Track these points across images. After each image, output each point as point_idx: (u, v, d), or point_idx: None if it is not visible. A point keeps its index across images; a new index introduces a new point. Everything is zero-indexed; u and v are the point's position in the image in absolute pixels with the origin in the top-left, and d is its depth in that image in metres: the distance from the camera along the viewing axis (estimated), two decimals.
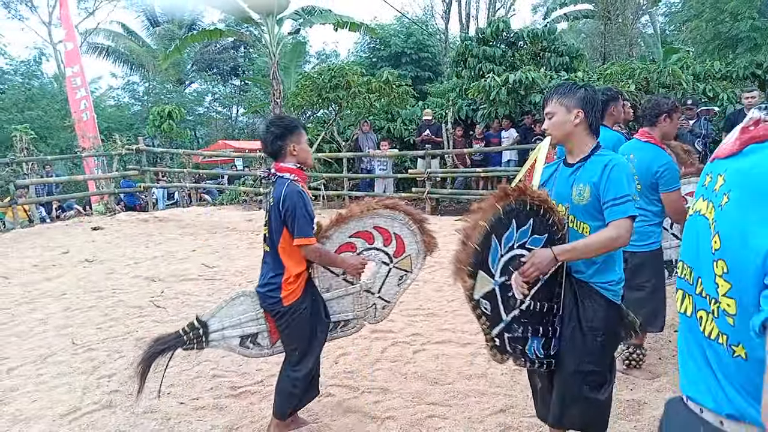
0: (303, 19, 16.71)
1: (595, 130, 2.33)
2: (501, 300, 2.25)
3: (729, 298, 0.88)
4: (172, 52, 16.86)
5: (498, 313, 2.26)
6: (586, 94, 2.30)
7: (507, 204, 2.18)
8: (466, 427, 3.01)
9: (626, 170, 2.21)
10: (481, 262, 2.17)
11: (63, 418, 3.24)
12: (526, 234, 2.24)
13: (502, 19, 13.14)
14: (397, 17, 23.29)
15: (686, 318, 1.06)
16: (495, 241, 2.18)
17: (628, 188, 2.19)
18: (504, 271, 2.23)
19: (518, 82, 10.29)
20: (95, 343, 4.39)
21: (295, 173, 2.80)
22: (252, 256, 7.34)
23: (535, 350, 2.36)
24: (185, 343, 2.81)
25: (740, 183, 0.88)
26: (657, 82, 9.27)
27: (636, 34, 17.80)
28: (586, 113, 2.29)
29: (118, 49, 26.84)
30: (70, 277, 6.51)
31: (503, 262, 2.22)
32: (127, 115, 25.78)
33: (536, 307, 2.32)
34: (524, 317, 2.31)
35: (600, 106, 2.34)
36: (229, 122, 31.09)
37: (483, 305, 2.23)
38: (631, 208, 2.19)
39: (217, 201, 14.11)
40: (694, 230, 1.03)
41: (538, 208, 2.24)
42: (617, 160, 2.23)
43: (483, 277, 2.19)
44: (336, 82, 12.34)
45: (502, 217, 2.18)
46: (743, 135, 0.94)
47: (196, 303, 5.34)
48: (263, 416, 3.19)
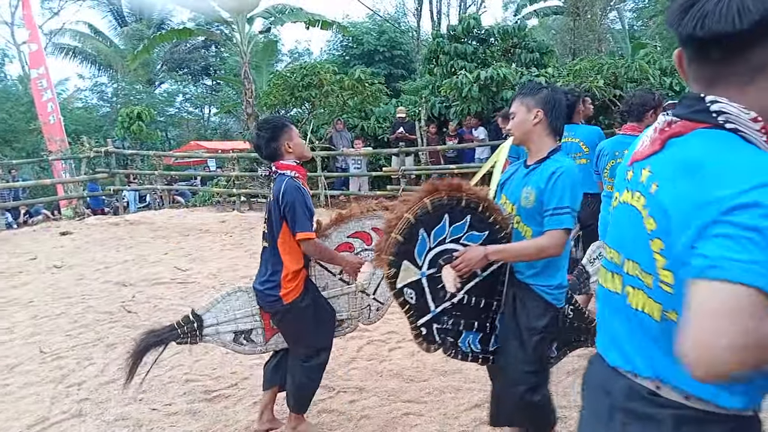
0: (274, 18, 16.59)
1: (556, 131, 2.31)
2: (429, 291, 2.32)
3: (667, 270, 1.01)
4: (140, 52, 16.57)
5: (425, 303, 2.33)
6: (548, 95, 2.28)
7: (436, 199, 2.24)
8: (441, 424, 3.02)
9: (572, 180, 2.18)
10: (405, 253, 2.26)
11: (30, 429, 3.17)
12: (461, 229, 2.30)
13: (473, 16, 13.21)
14: (369, 15, 23.31)
15: (611, 294, 1.21)
16: (423, 234, 2.26)
17: (569, 200, 2.17)
18: (433, 264, 2.30)
19: (490, 78, 10.36)
20: (64, 351, 4.29)
21: (295, 170, 2.81)
22: (225, 258, 7.26)
23: (471, 344, 2.41)
24: (179, 336, 2.78)
25: (667, 171, 1.02)
26: (625, 77, 9.42)
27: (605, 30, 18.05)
28: (546, 113, 2.27)
29: (85, 50, 26.27)
30: (37, 284, 6.35)
31: (432, 255, 2.29)
32: (96, 117, 25.26)
33: (471, 301, 2.37)
34: (457, 310, 2.36)
35: (563, 109, 2.32)
36: (201, 123, 30.71)
37: (408, 294, 2.30)
38: (567, 220, 2.17)
39: (190, 203, 13.92)
40: (620, 218, 1.18)
41: (477, 206, 2.29)
42: (565, 168, 2.19)
43: (408, 267, 2.27)
44: (308, 80, 12.26)
45: (431, 211, 2.24)
46: (662, 135, 1.07)
47: (169, 307, 5.26)
48: (237, 420, 3.16)
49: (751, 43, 0.91)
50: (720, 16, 0.89)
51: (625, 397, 1.12)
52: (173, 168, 17.59)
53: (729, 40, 0.92)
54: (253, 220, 10.28)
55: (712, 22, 0.90)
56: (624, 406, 1.12)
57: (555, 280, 2.30)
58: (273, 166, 2.83)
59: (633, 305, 1.12)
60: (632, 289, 1.12)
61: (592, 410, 1.25)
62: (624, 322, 1.16)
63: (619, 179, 1.22)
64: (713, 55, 0.96)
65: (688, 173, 0.96)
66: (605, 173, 3.77)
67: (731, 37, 0.90)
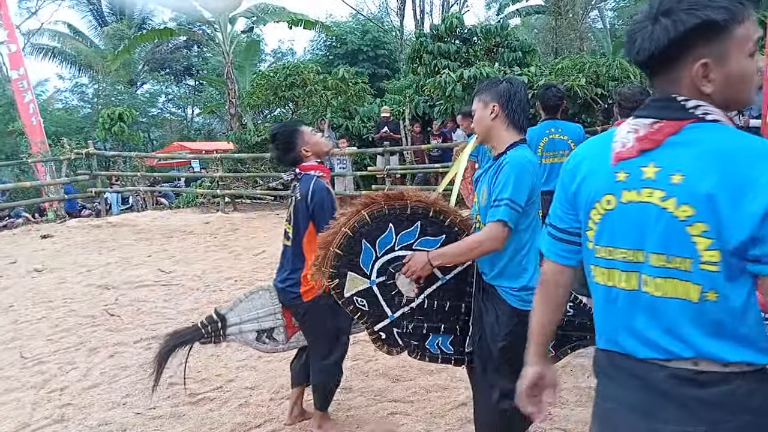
0: (256, 17, 16.52)
1: (516, 124, 2.22)
2: (383, 298, 2.37)
3: (712, 250, 1.11)
4: (121, 53, 16.42)
5: (381, 309, 2.38)
6: (503, 88, 2.21)
7: (375, 210, 2.29)
8: (428, 423, 3.03)
9: (516, 171, 2.08)
10: (348, 264, 2.33)
11: None
12: (411, 236, 2.32)
13: (456, 15, 13.24)
14: (352, 14, 23.28)
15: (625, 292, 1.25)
16: (366, 244, 2.32)
17: (510, 191, 2.07)
18: (382, 272, 2.35)
19: (473, 77, 10.39)
20: (46, 356, 4.23)
21: (319, 169, 2.86)
22: (210, 260, 7.21)
23: (440, 346, 2.42)
24: (203, 336, 2.79)
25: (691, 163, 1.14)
26: (607, 76, 9.51)
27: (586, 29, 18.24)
28: (502, 106, 2.20)
29: (64, 50, 25.89)
30: (18, 288, 6.26)
31: (381, 263, 2.34)
32: (76, 118, 24.90)
33: (434, 305, 2.37)
34: (418, 314, 2.38)
35: (521, 102, 2.22)
36: (184, 123, 30.47)
37: (358, 303, 2.38)
38: (502, 212, 2.06)
39: (174, 204, 13.80)
40: (629, 218, 1.23)
41: (425, 211, 2.30)
42: (510, 159, 2.12)
43: (354, 277, 2.34)
44: (292, 80, 12.22)
45: (370, 222, 2.30)
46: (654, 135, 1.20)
47: (152, 310, 5.21)
48: (222, 423, 3.14)
49: (677, 56, 1.16)
50: (645, 43, 1.17)
51: (669, 383, 1.18)
52: (156, 169, 17.42)
53: (660, 58, 1.17)
54: (238, 221, 10.22)
55: (642, 49, 1.18)
56: (671, 391, 1.18)
57: (519, 281, 2.17)
58: (297, 169, 2.86)
59: (660, 294, 1.19)
60: (659, 280, 1.19)
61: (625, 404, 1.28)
62: (646, 314, 1.22)
63: (605, 183, 1.27)
64: (659, 70, 1.20)
65: (723, 160, 1.11)
66: None
67: (660, 56, 1.17)
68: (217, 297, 5.53)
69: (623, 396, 1.28)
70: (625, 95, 3.77)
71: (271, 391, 3.49)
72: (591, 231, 1.31)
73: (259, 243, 8.12)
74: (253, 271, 6.37)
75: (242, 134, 13.74)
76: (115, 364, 4.01)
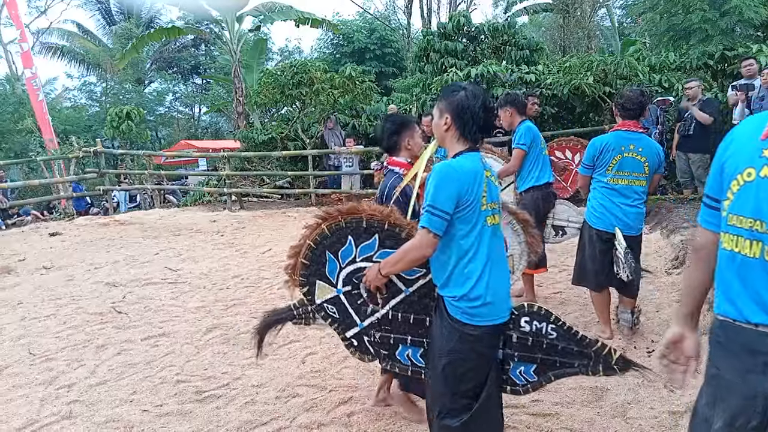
0: (263, 16, 16.54)
1: (467, 136, 2.18)
2: (351, 306, 2.50)
3: None
4: (129, 51, 16.48)
5: (350, 317, 2.51)
6: (457, 101, 2.17)
7: (333, 223, 2.43)
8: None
9: (437, 177, 2.08)
10: (315, 273, 2.50)
11: None
12: (370, 248, 2.42)
13: (463, 14, 13.20)
14: (359, 13, 23.25)
15: (748, 260, 1.34)
16: (329, 255, 2.47)
17: (431, 197, 2.07)
18: (348, 282, 2.48)
19: (480, 75, 10.37)
20: (53, 353, 4.25)
21: (404, 167, 2.92)
22: (216, 258, 7.23)
23: (410, 357, 2.46)
24: (294, 317, 2.80)
25: None
26: (615, 74, 9.45)
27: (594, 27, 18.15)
28: (454, 119, 2.18)
29: (73, 49, 26.07)
30: (26, 285, 6.29)
31: (346, 274, 2.47)
32: (85, 116, 25.06)
33: (399, 317, 2.43)
34: (384, 325, 2.46)
35: (474, 115, 2.16)
36: (191, 122, 30.59)
37: (329, 309, 2.54)
38: (424, 219, 2.08)
39: (181, 202, 13.85)
40: (765, 191, 1.31)
41: (381, 224, 2.38)
42: (436, 167, 2.12)
43: (322, 285, 2.51)
44: (299, 78, 12.21)
45: (329, 235, 2.44)
46: None
47: (159, 307, 5.23)
48: (229, 420, 3.15)
49: None
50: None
51: None
52: (164, 167, 17.49)
53: None
54: (244, 219, 10.24)
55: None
56: None
57: (461, 290, 2.12)
58: (385, 161, 2.93)
59: None
60: None
61: (736, 372, 1.35)
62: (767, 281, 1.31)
63: (750, 156, 1.35)
64: None
65: None
66: (610, 167, 3.81)
67: None
68: (224, 295, 5.55)
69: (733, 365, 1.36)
70: (628, 97, 3.85)
71: (278, 389, 3.50)
72: (727, 201, 1.40)
73: (266, 241, 8.13)
74: (259, 269, 6.39)
75: (249, 133, 13.77)
76: (123, 362, 4.03)
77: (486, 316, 2.13)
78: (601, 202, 3.86)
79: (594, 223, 3.88)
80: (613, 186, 3.81)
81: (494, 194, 2.22)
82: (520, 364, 2.26)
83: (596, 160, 3.88)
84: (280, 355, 4.04)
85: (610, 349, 2.19)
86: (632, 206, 3.82)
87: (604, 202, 3.85)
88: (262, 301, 5.29)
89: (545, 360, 2.25)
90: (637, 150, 3.76)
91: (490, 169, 2.24)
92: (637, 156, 3.77)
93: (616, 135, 3.83)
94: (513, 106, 4.67)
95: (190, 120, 30.78)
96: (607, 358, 2.18)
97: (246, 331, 4.48)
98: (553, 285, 5.29)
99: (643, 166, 3.79)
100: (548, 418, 2.97)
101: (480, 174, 2.14)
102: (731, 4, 9.54)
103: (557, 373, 2.28)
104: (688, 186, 8.23)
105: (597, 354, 2.18)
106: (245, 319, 4.79)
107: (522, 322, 2.23)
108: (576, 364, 2.23)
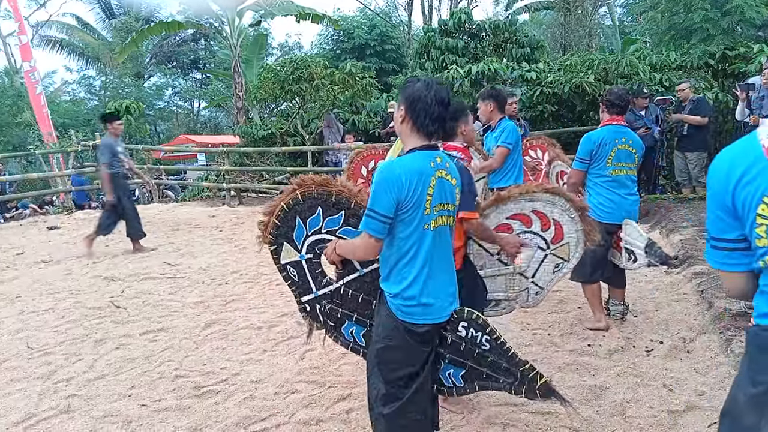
0: (264, 11, 16.48)
1: (422, 129, 2.13)
2: (309, 273, 2.62)
3: None
4: (128, 45, 16.41)
5: (307, 284, 2.63)
6: (410, 92, 2.14)
7: (306, 191, 2.51)
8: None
9: (376, 179, 2.05)
10: (284, 235, 2.58)
11: (17, 426, 3.12)
12: (335, 223, 2.53)
13: (464, 11, 13.17)
14: (360, 9, 23.20)
15: None
16: (299, 221, 2.55)
17: (371, 200, 2.06)
18: (311, 250, 2.59)
19: (481, 73, 10.35)
20: (52, 347, 4.24)
21: (461, 151, 3.01)
22: (215, 253, 7.22)
23: (354, 335, 2.60)
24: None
25: None
26: (615, 73, 9.44)
27: (595, 25, 18.11)
28: (407, 110, 2.14)
29: (72, 43, 25.98)
30: (24, 279, 6.28)
31: (310, 242, 2.58)
32: (84, 110, 25.02)
33: (349, 294, 2.55)
34: (336, 298, 2.58)
35: (428, 106, 2.11)
36: (190, 116, 30.53)
37: (290, 271, 2.64)
38: (364, 222, 2.09)
39: (180, 197, 13.83)
40: None
41: (348, 202, 2.47)
42: (380, 167, 2.11)
43: (288, 248, 2.60)
44: (299, 74, 12.18)
45: (302, 201, 2.53)
46: None
47: (158, 302, 5.22)
48: (227, 416, 3.14)
49: None
50: None
51: None
52: (162, 162, 17.46)
53: None
54: (243, 214, 10.23)
55: None
56: None
57: (396, 287, 2.15)
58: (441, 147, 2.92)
59: None
60: None
61: None
62: None
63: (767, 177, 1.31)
64: None
65: None
66: (609, 160, 3.95)
67: None
68: (222, 290, 5.54)
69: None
70: (618, 94, 4.00)
71: (276, 384, 3.50)
72: (762, 227, 1.31)
73: None
74: (258, 264, 6.38)
75: (248, 128, 13.75)
76: (121, 356, 4.02)
77: (420, 315, 2.15)
78: (608, 197, 3.99)
79: (604, 218, 3.93)
80: (615, 178, 3.97)
81: (446, 196, 2.16)
82: (450, 366, 2.29)
83: (594, 155, 3.98)
84: (278, 351, 4.04)
85: (536, 373, 2.18)
86: (633, 194, 4.07)
87: (611, 195, 3.99)
88: (261, 296, 5.28)
89: (474, 368, 2.26)
90: (628, 142, 3.97)
91: (447, 168, 2.18)
92: (628, 147, 3.97)
93: (609, 129, 3.98)
94: (495, 100, 4.70)
95: (190, 115, 30.72)
96: (532, 382, 2.17)
97: (245, 327, 4.49)
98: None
99: (633, 157, 4.02)
100: (547, 416, 2.97)
101: (426, 175, 2.08)
102: (733, 3, 9.54)
103: (483, 384, 2.28)
104: (686, 185, 8.26)
105: (523, 375, 2.18)
106: (244, 315, 4.78)
107: (459, 327, 2.24)
108: (501, 380, 2.22)
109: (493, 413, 3.02)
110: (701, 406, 2.98)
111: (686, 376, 3.35)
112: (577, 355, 3.72)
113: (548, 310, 4.54)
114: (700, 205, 7.44)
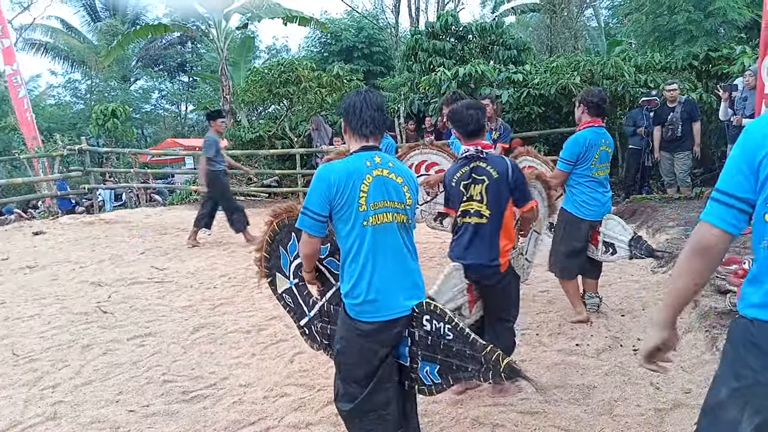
0: (251, 14, 16.42)
1: (359, 134, 2.27)
2: (300, 297, 2.74)
3: None
4: (114, 48, 16.30)
5: (301, 307, 2.74)
6: (346, 101, 2.31)
7: (280, 221, 2.69)
8: (420, 416, 3.02)
9: (313, 180, 2.20)
10: (274, 266, 2.77)
11: None
12: None
13: (451, 13, 13.22)
14: (347, 11, 23.19)
15: None
16: (282, 249, 2.72)
17: (306, 199, 2.21)
18: (296, 275, 2.71)
19: (468, 75, 10.38)
20: (38, 353, 4.20)
21: (492, 148, 3.17)
22: (204, 257, 7.18)
23: None
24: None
25: None
26: (601, 74, 9.51)
27: (581, 27, 18.25)
28: (344, 119, 2.31)
29: (57, 46, 25.70)
30: (9, 285, 6.21)
31: (294, 266, 2.71)
32: (69, 114, 24.76)
33: (331, 309, 2.61)
34: (323, 316, 2.67)
35: (360, 112, 2.25)
36: (177, 120, 30.34)
37: (286, 299, 2.79)
38: (299, 221, 2.24)
39: (168, 201, 13.73)
40: None
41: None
42: (317, 169, 2.23)
43: (280, 277, 2.77)
44: (286, 77, 12.17)
45: (279, 231, 2.71)
46: None
47: (146, 307, 5.19)
48: (216, 420, 3.13)
49: None
50: None
51: None
52: (150, 166, 17.33)
53: None
54: None
55: None
56: None
57: (345, 286, 2.25)
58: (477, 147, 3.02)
59: None
60: None
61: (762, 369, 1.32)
62: None
63: None
64: None
65: None
66: (594, 161, 4.06)
67: None
68: (211, 294, 5.51)
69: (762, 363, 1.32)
70: (599, 96, 4.10)
71: (265, 388, 3.48)
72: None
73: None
74: (246, 268, 6.35)
75: (236, 131, 13.69)
76: (108, 362, 3.99)
77: (369, 313, 2.19)
78: (591, 195, 4.13)
79: (587, 215, 4.14)
80: (596, 178, 4.11)
81: (389, 194, 2.20)
82: (425, 363, 2.28)
83: (581, 157, 4.06)
84: (267, 354, 4.03)
85: (498, 355, 2.09)
86: (608, 191, 4.26)
87: (593, 194, 4.13)
88: (250, 300, 5.26)
89: (444, 361, 2.23)
90: (607, 143, 4.13)
91: (390, 167, 2.25)
92: (607, 148, 4.13)
93: (593, 131, 4.07)
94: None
95: (177, 118, 30.52)
96: (496, 365, 2.10)
97: (233, 331, 4.47)
98: (541, 284, 5.32)
99: (609, 156, 4.18)
100: (536, 416, 2.98)
101: (359, 173, 2.16)
102: (716, 5, 9.66)
103: (455, 376, 2.23)
104: (672, 186, 8.35)
105: (486, 360, 2.11)
106: (233, 318, 4.76)
107: (424, 320, 2.24)
108: (470, 368, 2.17)
109: (482, 414, 3.03)
110: (688, 403, 3.01)
111: (673, 374, 3.37)
112: (565, 354, 3.75)
113: (536, 310, 4.57)
114: (686, 206, 7.53)
